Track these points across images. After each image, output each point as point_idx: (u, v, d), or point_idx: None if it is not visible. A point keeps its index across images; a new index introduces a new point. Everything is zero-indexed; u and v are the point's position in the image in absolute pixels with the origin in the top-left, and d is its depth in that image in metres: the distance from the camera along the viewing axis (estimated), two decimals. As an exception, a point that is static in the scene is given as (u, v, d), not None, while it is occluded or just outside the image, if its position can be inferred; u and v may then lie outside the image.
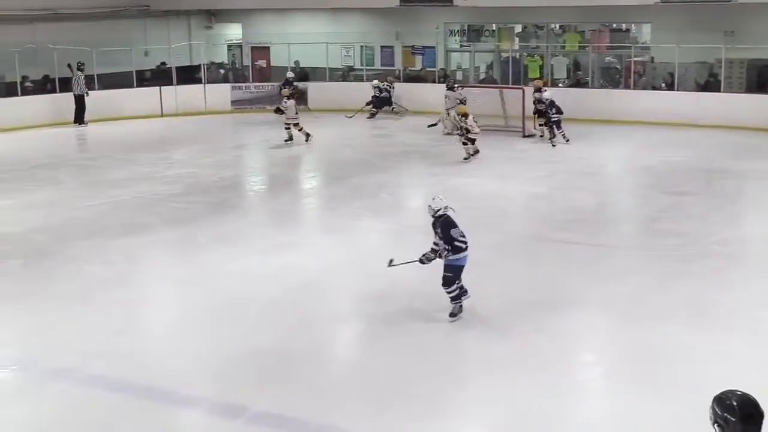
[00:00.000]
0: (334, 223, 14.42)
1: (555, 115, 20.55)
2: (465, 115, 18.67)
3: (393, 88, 25.58)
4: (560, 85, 26.08)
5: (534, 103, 21.30)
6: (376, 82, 25.46)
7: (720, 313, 9.83)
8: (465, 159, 18.75)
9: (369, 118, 24.91)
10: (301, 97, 26.80)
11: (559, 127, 20.64)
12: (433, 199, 9.90)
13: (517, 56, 27.55)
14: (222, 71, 29.24)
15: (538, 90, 21.33)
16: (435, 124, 22.02)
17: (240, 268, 11.71)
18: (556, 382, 8.21)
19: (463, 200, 15.39)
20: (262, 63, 28.59)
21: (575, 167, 18.68)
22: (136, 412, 7.82)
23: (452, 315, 9.62)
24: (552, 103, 20.61)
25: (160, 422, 7.65)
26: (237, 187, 17.75)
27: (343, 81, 27.93)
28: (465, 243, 9.69)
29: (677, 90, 23.72)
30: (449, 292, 9.67)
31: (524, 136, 21.62)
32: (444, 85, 23.32)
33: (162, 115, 25.63)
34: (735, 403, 4.29)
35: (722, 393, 4.38)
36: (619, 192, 17.05)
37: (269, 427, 7.49)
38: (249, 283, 11.06)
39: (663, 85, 24.56)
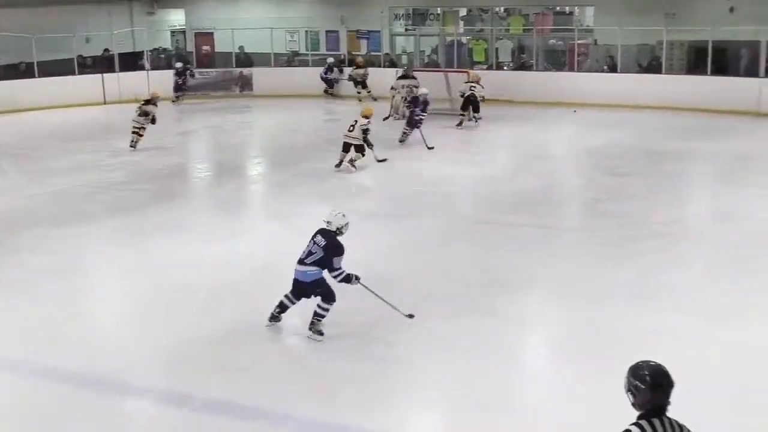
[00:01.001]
0: (281, 209, 14.37)
1: (420, 115, 18.89)
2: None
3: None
4: (505, 68, 26.27)
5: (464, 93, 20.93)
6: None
7: (664, 291, 9.96)
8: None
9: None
10: (246, 84, 26.77)
11: (417, 126, 18.82)
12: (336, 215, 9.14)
13: (462, 40, 27.65)
14: (162, 57, 28.88)
15: (476, 82, 21.10)
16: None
17: (187, 256, 11.61)
18: (504, 362, 8.28)
19: (412, 184, 15.57)
20: (206, 48, 28.38)
21: (520, 150, 18.82)
22: (84, 402, 7.72)
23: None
24: (426, 102, 19.18)
25: (109, 412, 7.56)
26: (182, 174, 17.60)
27: (288, 66, 27.81)
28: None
29: (620, 72, 23.99)
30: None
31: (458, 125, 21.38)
32: (396, 72, 23.13)
33: (105, 103, 25.30)
34: (647, 373, 4.50)
35: (637, 363, 4.58)
36: (563, 174, 17.19)
37: (217, 415, 7.44)
38: (196, 271, 10.95)
39: (605, 67, 24.81)
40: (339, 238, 8.92)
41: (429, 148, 18.04)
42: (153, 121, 18.63)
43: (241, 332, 9.08)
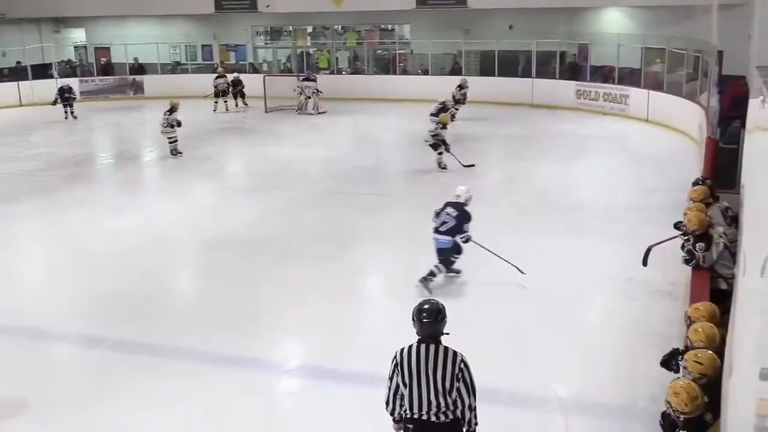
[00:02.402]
0: (172, 187, 14.04)
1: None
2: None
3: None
4: (343, 72, 26.26)
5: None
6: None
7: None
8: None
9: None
10: (139, 88, 25.89)
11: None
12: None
13: (310, 51, 27.51)
14: (67, 66, 27.51)
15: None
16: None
17: (96, 227, 11.23)
18: (350, 298, 8.43)
19: (272, 165, 15.46)
20: (104, 60, 27.29)
21: (357, 135, 18.93)
22: (15, 349, 7.44)
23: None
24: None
25: (38, 355, 7.32)
26: (89, 161, 16.88)
27: (172, 74, 27.02)
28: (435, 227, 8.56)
29: (431, 74, 24.38)
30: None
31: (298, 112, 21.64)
32: (300, 77, 22.73)
33: (21, 105, 23.91)
34: (415, 308, 4.56)
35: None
36: (391, 153, 17.38)
37: (126, 352, 7.29)
38: (105, 239, 10.62)
39: (419, 71, 25.16)
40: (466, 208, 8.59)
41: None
42: (179, 124, 16.04)
43: (145, 286, 8.90)
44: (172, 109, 16.08)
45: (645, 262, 8.01)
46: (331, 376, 6.74)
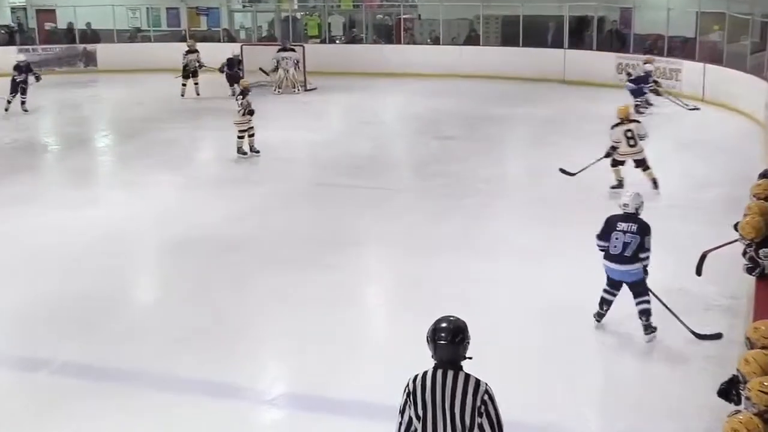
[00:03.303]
0: (128, 178, 14.01)
1: None
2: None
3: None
4: (337, 41, 26.27)
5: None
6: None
7: (483, 242, 10.30)
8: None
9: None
10: (91, 59, 25.89)
11: None
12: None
13: (297, 15, 27.49)
14: (3, 32, 27.39)
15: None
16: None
17: (40, 225, 11.20)
18: (345, 311, 8.39)
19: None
20: (50, 25, 27.22)
21: (353, 117, 18.94)
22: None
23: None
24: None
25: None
26: (32, 147, 16.89)
27: (130, 42, 26.98)
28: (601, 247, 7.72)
29: (442, 44, 24.38)
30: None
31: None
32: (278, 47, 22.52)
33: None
34: (431, 327, 4.43)
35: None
36: (393, 138, 17.40)
37: (74, 377, 7.27)
38: (50, 239, 10.58)
39: (429, 40, 25.17)
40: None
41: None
42: (251, 113, 14.70)
43: (96, 294, 8.86)
44: (245, 92, 14.94)
45: (699, 271, 7.99)
46: (323, 407, 6.71)
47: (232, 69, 21.15)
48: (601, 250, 7.61)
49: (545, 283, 8.72)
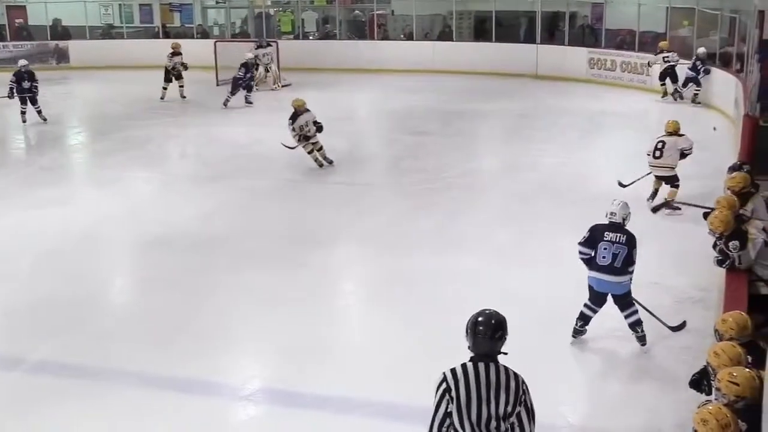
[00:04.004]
0: (103, 176, 13.93)
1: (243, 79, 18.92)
2: None
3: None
4: (311, 37, 26.24)
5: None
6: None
7: (460, 237, 10.32)
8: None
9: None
10: (63, 56, 25.69)
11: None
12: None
13: (270, 11, 27.41)
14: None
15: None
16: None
17: (11, 224, 11.14)
18: (320, 309, 8.38)
19: (226, 149, 15.41)
20: (19, 21, 27.00)
21: (328, 113, 18.84)
22: None
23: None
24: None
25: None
26: (2, 145, 16.76)
27: (103, 39, 26.82)
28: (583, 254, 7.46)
29: (415, 40, 24.40)
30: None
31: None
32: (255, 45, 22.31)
33: None
34: (471, 319, 4.56)
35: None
36: (368, 134, 17.41)
37: (49, 375, 7.24)
38: (22, 238, 10.52)
39: (402, 36, 25.18)
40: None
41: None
42: (320, 129, 13.59)
43: (70, 294, 8.78)
44: (296, 114, 13.64)
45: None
46: (299, 403, 6.70)
47: (246, 74, 19.39)
48: (583, 258, 7.42)
49: (521, 280, 8.72)
